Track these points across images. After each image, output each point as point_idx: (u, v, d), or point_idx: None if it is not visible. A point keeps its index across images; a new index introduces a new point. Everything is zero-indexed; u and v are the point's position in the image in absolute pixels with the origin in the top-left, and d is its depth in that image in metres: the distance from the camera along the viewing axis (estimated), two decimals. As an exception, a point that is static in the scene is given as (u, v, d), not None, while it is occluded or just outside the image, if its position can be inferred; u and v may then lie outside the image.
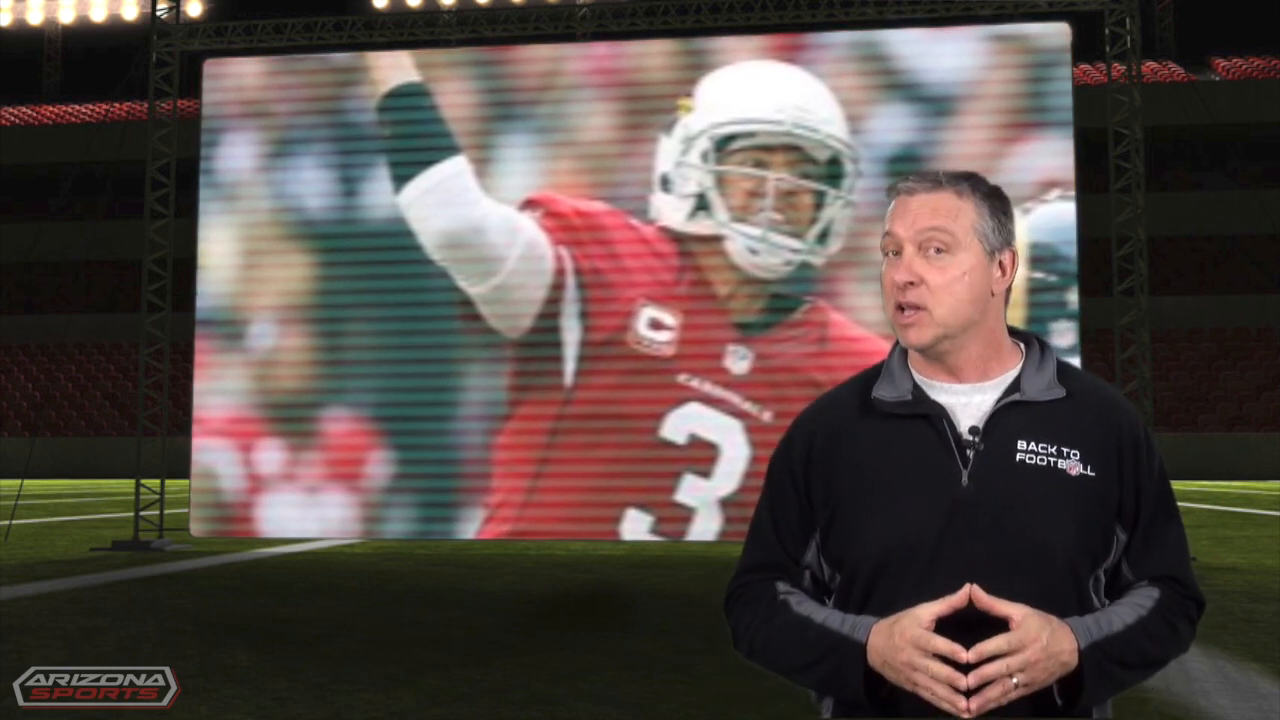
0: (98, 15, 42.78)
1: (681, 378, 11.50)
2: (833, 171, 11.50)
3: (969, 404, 1.62)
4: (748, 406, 11.36)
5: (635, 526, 11.62)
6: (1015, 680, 1.46)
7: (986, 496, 1.55)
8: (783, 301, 11.53)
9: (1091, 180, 15.75)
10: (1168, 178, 35.23)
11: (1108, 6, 12.33)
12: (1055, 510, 1.56)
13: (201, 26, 14.33)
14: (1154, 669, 1.60)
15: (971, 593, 1.48)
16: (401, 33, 13.25)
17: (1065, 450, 1.58)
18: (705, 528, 11.31)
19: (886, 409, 1.63)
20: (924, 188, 1.61)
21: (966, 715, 1.46)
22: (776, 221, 11.38)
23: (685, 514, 11.46)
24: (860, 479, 1.60)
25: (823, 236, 11.37)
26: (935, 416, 1.60)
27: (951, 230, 1.59)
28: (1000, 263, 1.62)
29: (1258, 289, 35.00)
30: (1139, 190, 12.19)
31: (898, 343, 1.69)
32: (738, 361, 11.43)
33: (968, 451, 1.58)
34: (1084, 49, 13.90)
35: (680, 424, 11.49)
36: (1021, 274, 11.15)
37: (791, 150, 11.49)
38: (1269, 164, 37.14)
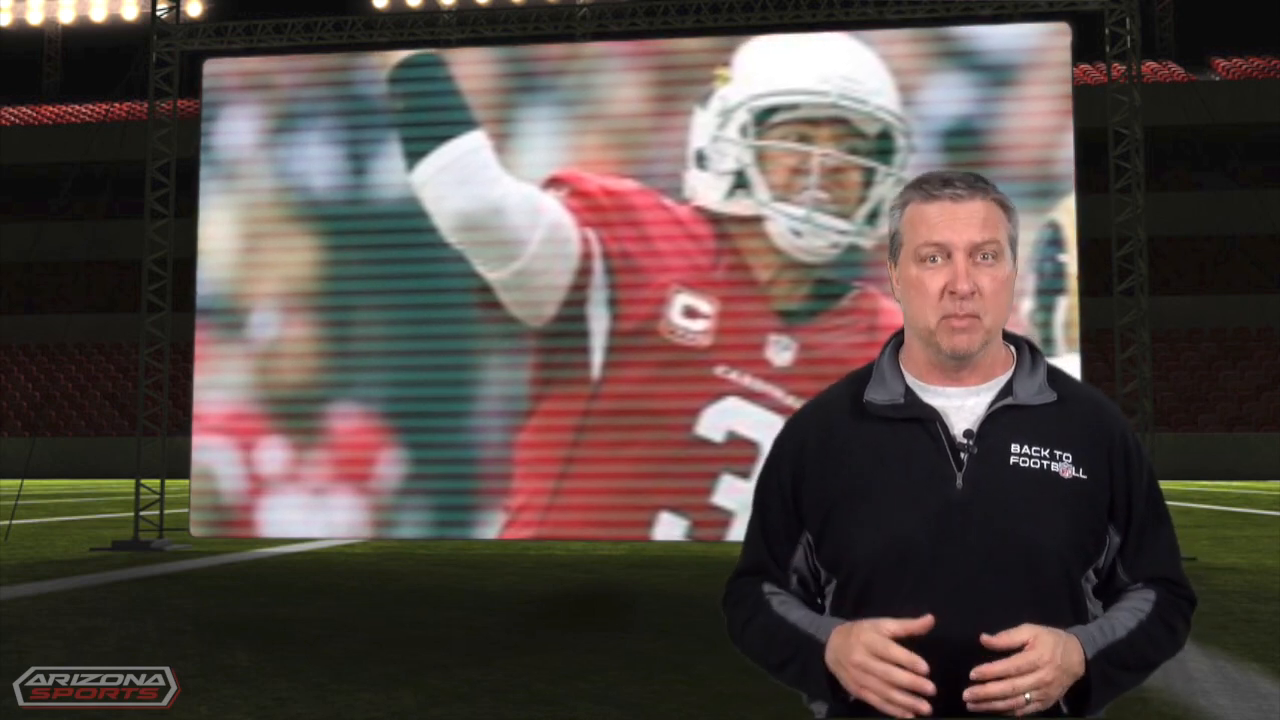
0: (98, 15, 42.77)
1: (719, 370, 10.83)
2: (883, 146, 10.82)
3: (962, 407, 1.62)
4: (791, 401, 10.53)
5: (669, 531, 10.91)
6: (1029, 697, 1.47)
7: (981, 499, 1.56)
8: (829, 287, 10.83)
9: (1091, 180, 15.74)
10: (1168, 178, 35.22)
11: (1108, 6, 12.32)
12: (1049, 512, 1.57)
13: (201, 26, 14.33)
14: (1154, 670, 1.62)
15: (983, 639, 1.49)
16: (401, 33, 13.24)
17: (1058, 453, 1.60)
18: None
19: (878, 412, 1.63)
20: (967, 194, 1.61)
21: None
22: (822, 201, 10.69)
23: (723, 518, 10.74)
24: (854, 483, 1.61)
25: (872, 217, 10.64)
26: (929, 420, 1.61)
27: (999, 239, 1.61)
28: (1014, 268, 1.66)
29: (1258, 289, 35.00)
30: (1139, 190, 12.19)
31: (888, 344, 1.70)
32: (780, 352, 10.75)
33: (962, 455, 1.59)
34: (1084, 49, 13.88)
35: (718, 420, 10.79)
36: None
37: (838, 123, 10.80)
38: (1269, 164, 37.12)
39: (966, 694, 1.47)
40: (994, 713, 1.48)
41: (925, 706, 1.47)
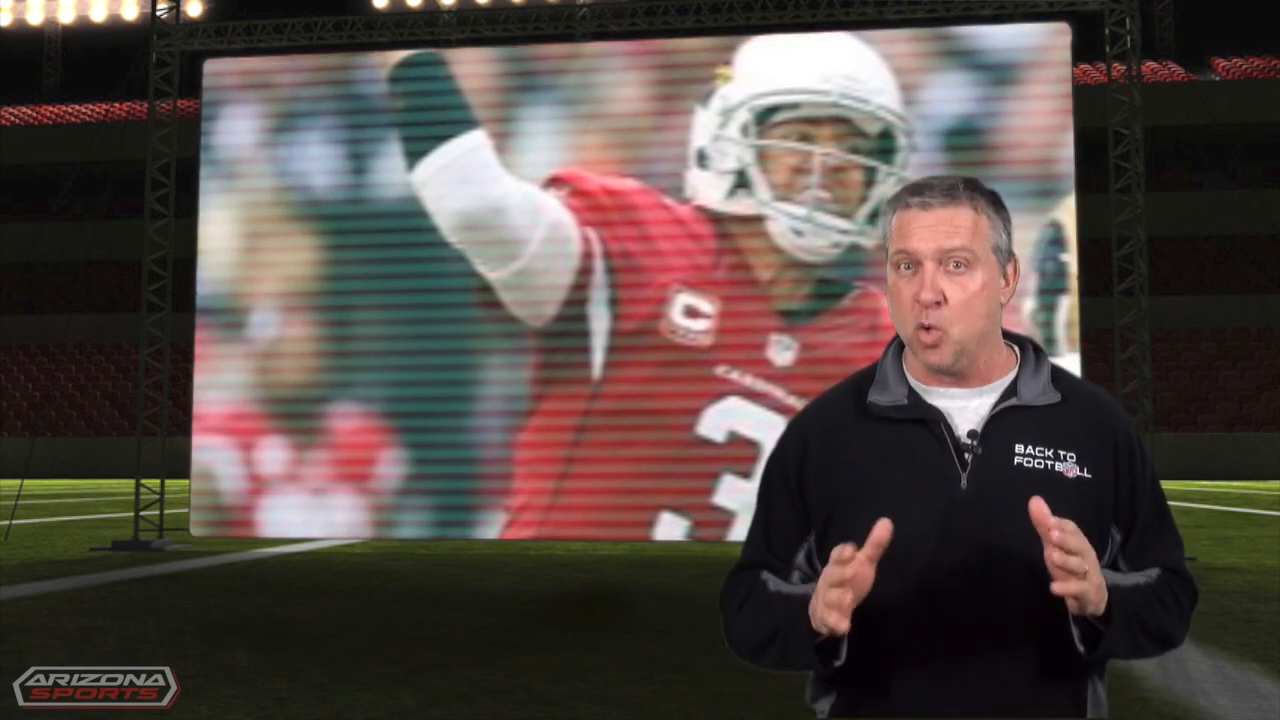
0: (98, 15, 42.77)
1: (720, 370, 10.79)
2: (884, 146, 10.80)
3: (966, 408, 1.62)
4: (792, 401, 10.48)
5: (670, 531, 10.87)
6: (1085, 566, 1.44)
7: (985, 499, 1.56)
8: (830, 287, 10.79)
9: (1091, 180, 15.74)
10: (1168, 178, 35.21)
11: (1108, 6, 12.32)
12: (1052, 512, 1.56)
13: (201, 26, 14.33)
14: (1157, 640, 1.59)
15: (1031, 504, 1.44)
16: (401, 33, 13.24)
17: (1062, 453, 1.59)
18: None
19: (882, 413, 1.63)
20: (939, 200, 1.59)
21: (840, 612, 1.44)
22: (823, 200, 10.65)
23: (725, 518, 10.72)
24: (857, 483, 1.61)
25: (874, 216, 10.59)
26: (933, 421, 1.61)
27: (972, 247, 1.58)
28: (1006, 274, 1.63)
29: (1258, 289, 34.99)
30: (1139, 190, 12.18)
31: (891, 345, 1.69)
32: (781, 352, 10.71)
33: (966, 455, 1.59)
34: (1084, 49, 13.88)
35: (719, 420, 10.76)
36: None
37: (839, 123, 10.77)
38: (1269, 164, 37.12)
39: (1056, 558, 1.41)
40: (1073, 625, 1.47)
41: (844, 626, 1.45)
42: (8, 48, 44.21)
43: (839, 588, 1.45)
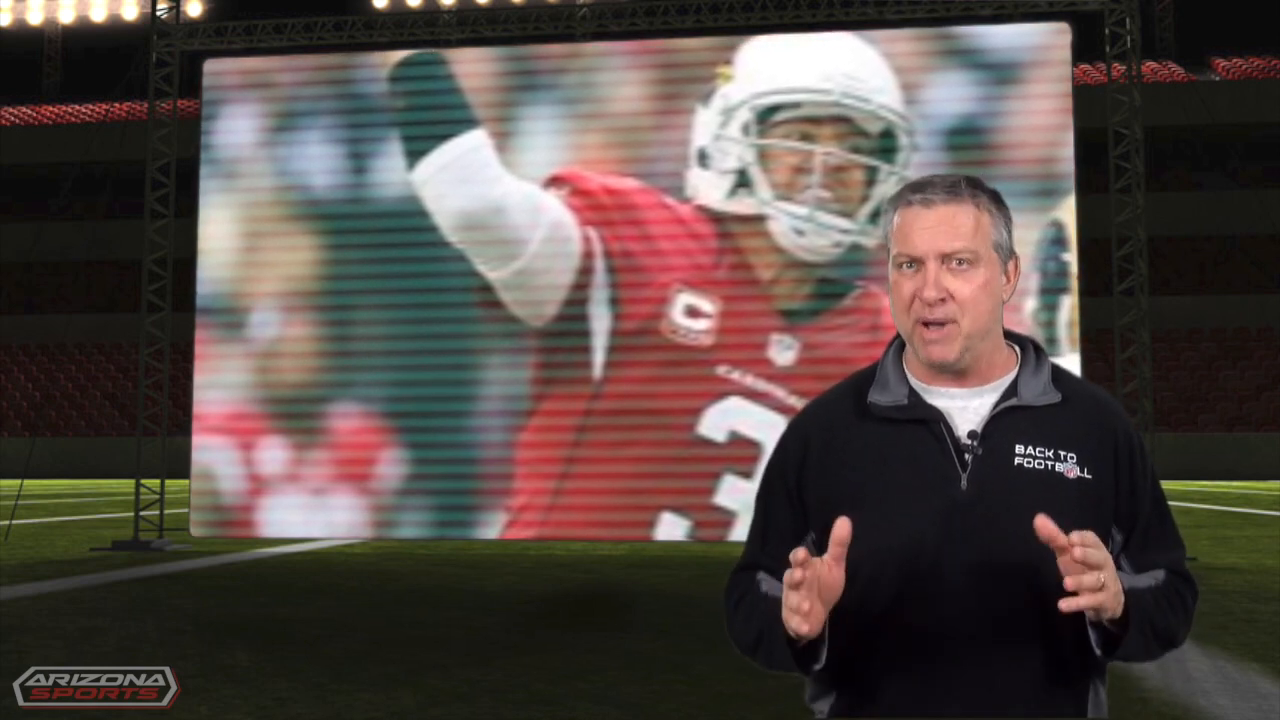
0: (98, 15, 42.77)
1: (721, 370, 10.80)
2: (886, 145, 10.80)
3: (966, 408, 1.62)
4: (793, 401, 10.48)
5: (670, 531, 10.88)
6: (1102, 581, 1.44)
7: (985, 500, 1.56)
8: (831, 286, 10.79)
9: (1091, 180, 15.74)
10: (1168, 178, 35.21)
11: (1108, 6, 12.32)
12: (1053, 513, 1.55)
13: (201, 26, 14.33)
14: (1164, 641, 1.59)
15: (1037, 522, 1.44)
16: (401, 33, 13.24)
17: (1063, 454, 1.59)
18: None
19: (882, 413, 1.63)
20: (941, 198, 1.59)
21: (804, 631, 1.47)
22: (824, 200, 10.65)
23: (726, 518, 10.73)
24: (857, 483, 1.60)
25: (875, 216, 10.57)
26: (933, 421, 1.61)
27: (974, 246, 1.59)
28: (1007, 271, 1.63)
29: (1258, 289, 34.99)
30: (1139, 190, 12.19)
31: (891, 345, 1.69)
32: (782, 352, 10.70)
33: (966, 456, 1.59)
34: (1084, 49, 13.88)
35: (720, 420, 10.76)
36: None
37: (841, 122, 10.77)
38: (1269, 164, 37.12)
39: (1069, 582, 1.42)
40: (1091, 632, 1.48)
41: (806, 628, 1.47)
42: (8, 48, 44.22)
43: (796, 591, 1.46)
